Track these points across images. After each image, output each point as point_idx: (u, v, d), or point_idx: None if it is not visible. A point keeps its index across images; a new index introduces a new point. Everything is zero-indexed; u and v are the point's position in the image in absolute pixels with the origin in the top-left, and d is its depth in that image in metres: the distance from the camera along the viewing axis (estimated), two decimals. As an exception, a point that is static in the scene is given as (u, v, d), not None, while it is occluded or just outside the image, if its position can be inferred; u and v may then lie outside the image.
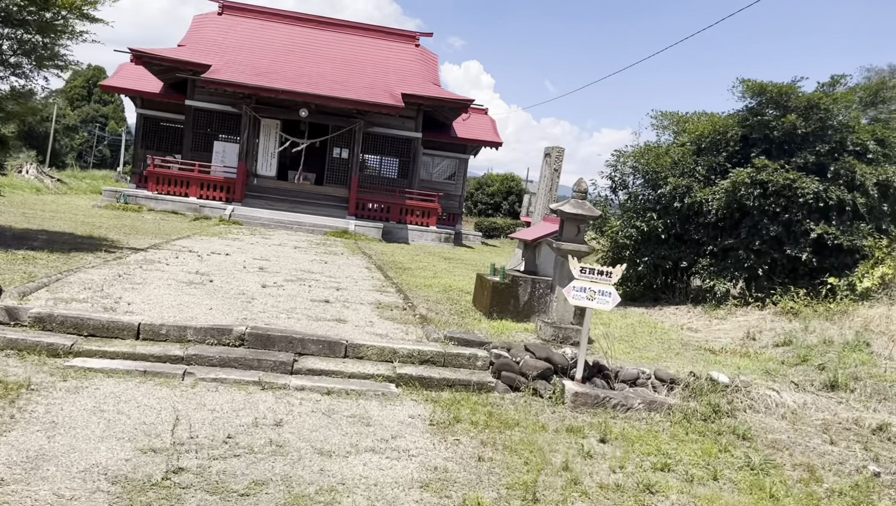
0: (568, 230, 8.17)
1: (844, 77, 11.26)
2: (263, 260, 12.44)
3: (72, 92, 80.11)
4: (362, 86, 25.28)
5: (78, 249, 10.87)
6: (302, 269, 11.83)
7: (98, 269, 8.97)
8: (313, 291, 9.47)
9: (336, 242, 19.87)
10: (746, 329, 9.72)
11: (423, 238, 24.98)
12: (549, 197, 15.07)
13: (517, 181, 55.34)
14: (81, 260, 9.66)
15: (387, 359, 6.72)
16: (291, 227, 22.35)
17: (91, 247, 11.33)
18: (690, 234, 11.79)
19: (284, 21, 29.46)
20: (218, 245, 14.17)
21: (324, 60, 27.56)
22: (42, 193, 27.15)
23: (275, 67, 25.60)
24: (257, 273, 10.48)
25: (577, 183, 8.21)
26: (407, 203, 25.51)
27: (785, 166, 10.76)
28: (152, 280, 8.63)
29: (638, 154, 12.17)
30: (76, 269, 8.78)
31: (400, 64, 28.83)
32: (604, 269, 6.69)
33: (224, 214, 22.56)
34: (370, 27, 30.79)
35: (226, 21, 28.55)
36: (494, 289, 9.31)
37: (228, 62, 24.84)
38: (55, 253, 9.97)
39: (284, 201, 24.85)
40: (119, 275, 8.68)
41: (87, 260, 9.71)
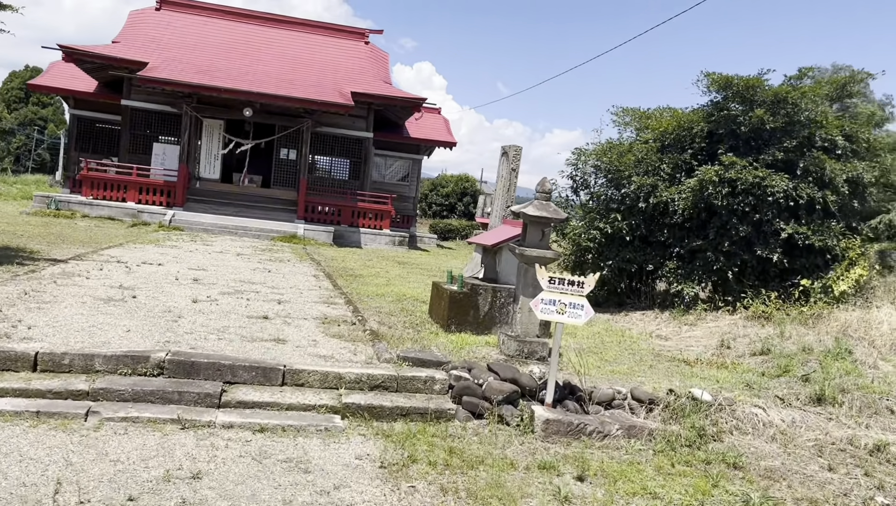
0: (531, 234, 7.44)
1: (812, 70, 10.84)
2: (200, 270, 11.44)
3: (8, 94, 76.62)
4: (310, 84, 24.28)
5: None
6: (242, 279, 10.88)
7: (2, 285, 7.90)
8: (251, 305, 8.56)
9: (283, 247, 18.86)
10: (720, 337, 9.15)
11: (377, 242, 24.09)
12: (507, 198, 14.38)
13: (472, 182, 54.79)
14: (-14, 275, 8.57)
15: (331, 385, 5.88)
16: (236, 232, 21.23)
17: (2, 259, 10.20)
18: (656, 235, 11.22)
19: (227, 18, 28.22)
20: (152, 254, 13.09)
21: (269, 58, 26.45)
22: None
23: (217, 65, 24.42)
24: (190, 286, 9.51)
25: (541, 183, 7.50)
26: (359, 206, 24.59)
27: (753, 163, 10.26)
28: (65, 297, 7.61)
29: (600, 152, 11.55)
30: (-24, 286, 7.72)
31: (349, 62, 27.90)
32: (575, 278, 5.97)
33: (164, 220, 21.32)
34: (318, 24, 29.76)
35: (164, 17, 27.19)
36: (452, 299, 8.54)
37: (167, 60, 23.57)
38: (-43, 268, 8.86)
39: (229, 205, 23.69)
40: (26, 292, 7.64)
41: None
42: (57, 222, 19.15)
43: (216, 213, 22.79)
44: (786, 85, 10.70)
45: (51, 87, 26.12)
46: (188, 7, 27.92)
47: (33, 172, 53.01)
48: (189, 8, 27.89)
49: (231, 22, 28.03)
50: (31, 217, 20.31)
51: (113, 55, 22.34)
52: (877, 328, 8.64)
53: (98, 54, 22.27)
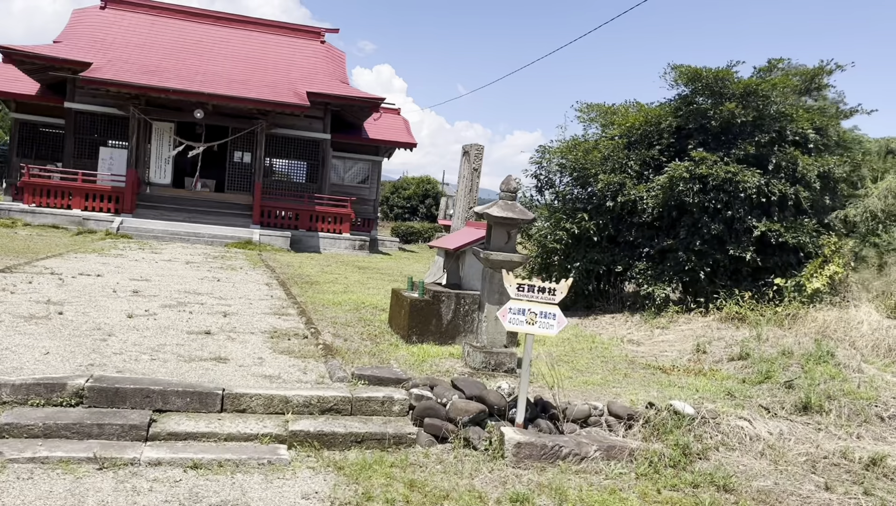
0: (497, 237, 6.90)
1: (782, 61, 10.52)
2: (143, 281, 10.66)
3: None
4: (264, 84, 23.47)
5: None
6: (187, 289, 10.13)
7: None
8: (194, 318, 7.86)
9: (237, 254, 18.06)
10: (695, 341, 8.71)
11: (336, 246, 23.38)
12: (469, 198, 13.84)
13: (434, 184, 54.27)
14: None
15: (277, 410, 5.25)
16: (188, 239, 20.34)
17: (-79, 273, 9.32)
18: (625, 235, 10.78)
19: (178, 16, 27.20)
20: (93, 264, 12.24)
21: (222, 58, 25.55)
22: None
23: (166, 66, 23.46)
24: (128, 299, 8.75)
25: (506, 182, 6.96)
26: (317, 209, 23.83)
27: (724, 159, 9.88)
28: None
29: (565, 149, 11.07)
30: None
31: (305, 62, 27.12)
32: (546, 285, 5.43)
33: (111, 227, 20.30)
34: (273, 23, 28.89)
35: (110, 16, 26.08)
36: (413, 308, 7.95)
37: (112, 60, 22.54)
38: None
39: (181, 211, 22.74)
40: (-64, 311, 6.85)
41: None
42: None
43: (167, 219, 21.84)
44: (755, 77, 10.36)
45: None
46: (135, 6, 26.83)
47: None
48: (136, 7, 26.81)
49: (181, 21, 27.03)
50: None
51: (53, 55, 21.25)
52: (856, 329, 8.30)
53: (37, 55, 21.16)
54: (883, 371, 7.39)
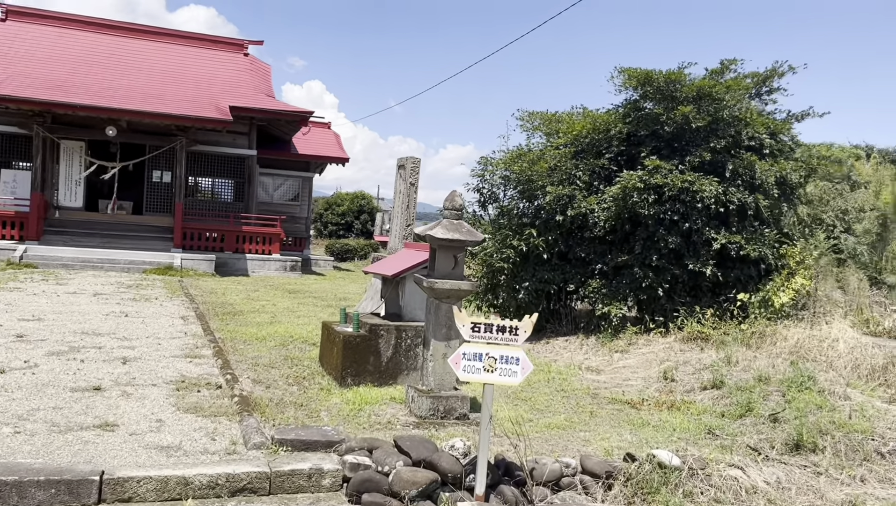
0: (442, 262, 5.93)
1: (735, 62, 9.96)
2: (34, 320, 9.26)
3: None
4: (183, 99, 21.99)
5: None
6: (86, 330, 8.81)
7: None
8: (85, 369, 6.61)
9: (156, 281, 16.58)
10: (659, 366, 7.94)
11: (266, 268, 22.01)
12: (406, 216, 12.86)
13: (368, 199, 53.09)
14: None
15: (173, 496, 4.13)
16: (102, 266, 18.69)
17: None
18: (576, 251, 9.98)
19: (87, 28, 25.40)
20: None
21: (136, 73, 23.91)
22: None
23: (74, 80, 21.73)
24: (8, 346, 7.41)
25: (450, 198, 6.02)
26: (244, 230, 22.41)
27: (679, 167, 9.21)
28: None
29: (509, 161, 10.22)
30: None
31: (227, 75, 25.70)
32: (506, 323, 4.50)
33: (14, 256, 18.46)
34: (192, 35, 27.36)
35: (11, 28, 24.11)
36: (347, 345, 6.91)
37: (13, 75, 20.72)
38: None
39: (95, 236, 20.99)
40: None
41: None
42: None
43: (79, 245, 20.09)
44: (708, 79, 9.76)
45: None
46: (40, 18, 24.93)
47: None
48: (41, 18, 24.91)
49: (92, 34, 25.24)
50: None
51: (-59, 69, 19.32)
52: (832, 347, 7.67)
53: (-76, 68, 19.20)
54: (870, 396, 6.74)
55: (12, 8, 24.51)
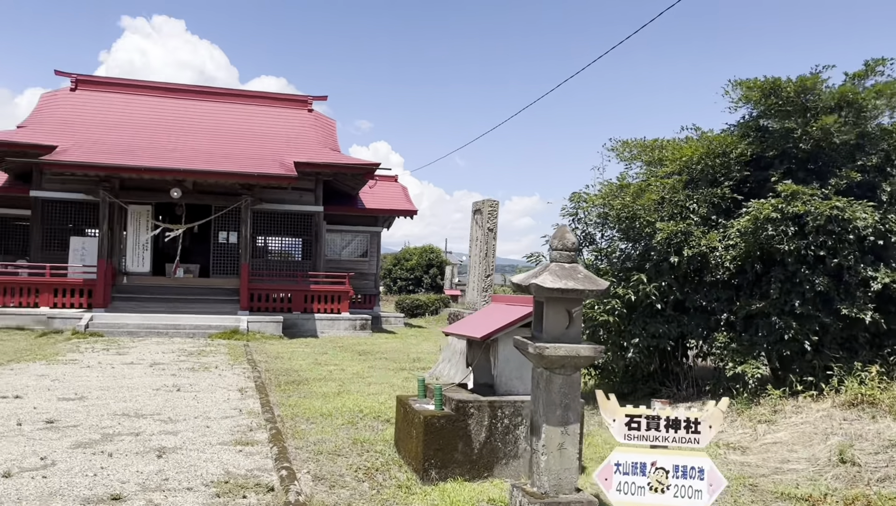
0: (552, 320, 4.48)
1: (883, 62, 8.26)
2: (76, 399, 8.20)
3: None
4: (247, 157, 21.47)
5: None
6: (127, 410, 7.66)
7: None
8: (109, 467, 5.36)
9: (219, 347, 15.59)
10: (829, 445, 6.18)
11: (335, 328, 20.90)
12: (485, 265, 11.49)
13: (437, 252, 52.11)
14: None
15: None
16: (167, 332, 17.91)
17: None
18: (694, 299, 8.34)
19: (152, 93, 25.48)
20: (25, 379, 9.82)
21: (200, 133, 23.67)
22: None
23: (139, 144, 21.52)
24: (31, 436, 6.29)
25: (560, 236, 4.60)
26: (312, 289, 21.45)
27: (821, 191, 7.55)
28: None
29: (607, 194, 8.72)
30: None
31: (291, 131, 25.25)
32: (679, 414, 3.01)
33: (79, 325, 17.89)
34: (255, 94, 27.21)
35: (80, 98, 24.35)
36: (429, 428, 5.47)
37: (80, 142, 20.62)
38: None
39: (161, 301, 20.38)
40: None
41: None
42: (-58, 341, 15.69)
43: (145, 311, 19.46)
44: (849, 84, 8.13)
45: (-51, 184, 22.85)
46: (107, 85, 25.16)
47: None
48: (108, 86, 25.13)
49: (156, 98, 25.29)
50: (-85, 336, 16.81)
51: (10, 140, 19.28)
52: None
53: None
54: None
55: (82, 77, 24.82)
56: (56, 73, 24.97)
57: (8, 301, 19.60)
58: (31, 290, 19.82)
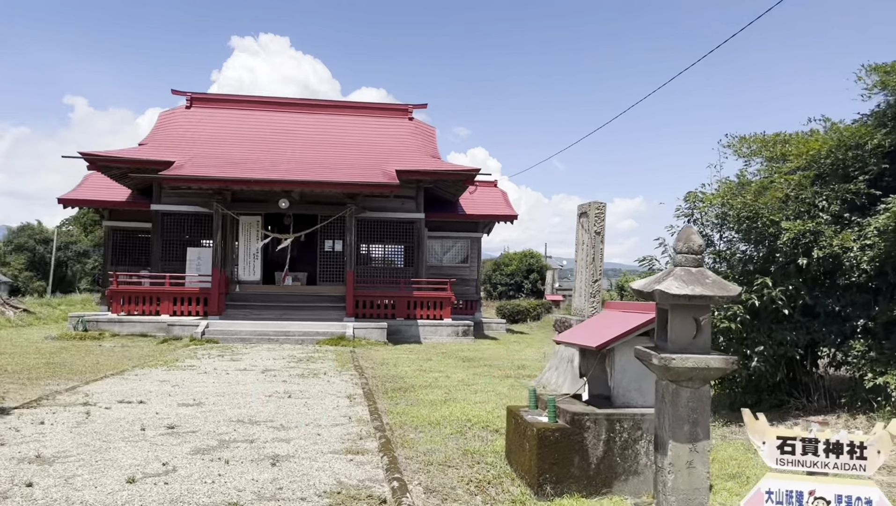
0: (678, 328, 4.18)
1: None
2: (193, 405, 8.48)
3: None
4: (350, 166, 21.91)
5: None
6: (242, 417, 7.83)
7: None
8: (226, 475, 5.44)
9: (327, 353, 15.90)
10: None
11: (438, 334, 20.94)
12: (592, 270, 11.12)
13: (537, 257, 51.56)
14: None
15: None
16: (277, 339, 18.46)
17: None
18: (826, 304, 7.72)
19: (260, 108, 26.48)
20: (147, 384, 10.28)
21: (305, 145, 24.37)
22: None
23: (249, 157, 22.37)
24: (152, 442, 6.50)
25: (685, 238, 4.28)
26: (414, 295, 21.61)
27: (974, 182, 6.83)
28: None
29: (726, 193, 8.21)
30: None
31: (393, 140, 25.60)
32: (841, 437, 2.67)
33: (196, 332, 18.73)
34: (357, 105, 27.78)
35: (195, 114, 25.61)
36: (542, 442, 5.25)
37: (195, 157, 21.64)
38: None
39: (272, 309, 21.07)
40: None
41: None
42: (76, 347, 16.77)
43: (256, 318, 20.17)
44: None
45: (81, 200, 24.54)
46: (218, 102, 26.35)
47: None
48: (219, 103, 26.31)
49: (264, 112, 26.26)
50: (53, 342, 18.07)
51: (133, 157, 20.49)
52: None
53: (118, 158, 20.46)
54: None
55: (196, 95, 26.08)
56: (173, 92, 26.37)
57: (132, 309, 20.77)
58: (153, 298, 20.92)
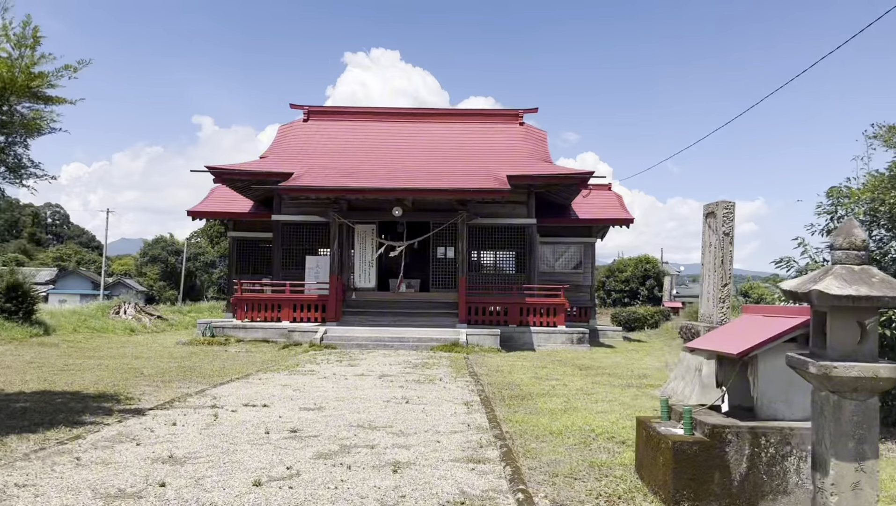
0: (839, 333, 3.74)
1: None
2: (314, 410, 8.60)
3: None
4: (462, 173, 21.94)
5: (43, 422, 7.50)
6: (362, 422, 7.85)
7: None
8: (349, 481, 5.40)
9: (441, 359, 15.89)
10: None
11: (551, 341, 20.52)
12: (721, 274, 10.47)
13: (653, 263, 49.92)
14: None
15: None
16: (392, 344, 18.67)
17: (71, 413, 7.97)
18: None
19: (373, 118, 27.05)
20: (271, 388, 10.56)
21: (417, 153, 24.64)
22: (136, 334, 25.23)
23: (363, 167, 22.86)
24: (276, 445, 6.58)
25: (845, 231, 3.84)
26: (527, 301, 21.31)
27: None
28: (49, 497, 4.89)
29: (876, 188, 7.44)
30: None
31: (503, 145, 25.46)
32: None
33: (315, 338, 19.26)
34: (467, 112, 27.85)
35: (311, 127, 26.48)
36: (679, 455, 4.88)
37: (312, 168, 22.34)
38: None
39: (386, 315, 21.38)
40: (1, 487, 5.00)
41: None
42: (204, 352, 17.61)
43: (372, 324, 20.51)
44: None
45: (208, 212, 25.89)
46: (333, 114, 27.13)
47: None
48: (334, 115, 27.09)
49: (377, 122, 26.80)
50: (184, 347, 19.09)
51: (254, 169, 21.40)
52: None
53: (241, 171, 21.42)
54: None
55: (313, 108, 26.96)
56: (291, 106, 27.40)
57: (255, 316, 21.62)
58: (274, 305, 21.71)
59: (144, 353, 17.10)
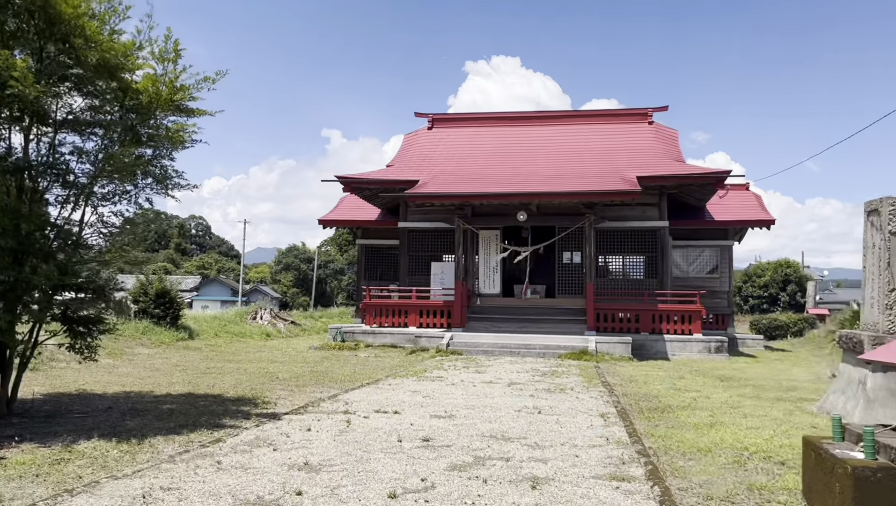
0: None
1: None
2: (445, 417, 8.45)
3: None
4: (588, 175, 21.33)
5: (188, 424, 7.79)
6: (494, 432, 7.60)
7: (127, 479, 5.50)
8: (486, 496, 5.15)
9: (570, 368, 15.41)
10: None
11: (687, 350, 19.49)
12: (888, 277, 9.47)
13: (794, 267, 46.77)
14: (139, 456, 6.42)
15: None
16: (518, 351, 18.37)
17: (213, 416, 8.25)
18: None
19: (496, 123, 26.89)
20: (401, 394, 10.54)
21: (541, 156, 24.22)
22: (271, 339, 26.35)
23: (487, 172, 22.73)
24: (409, 454, 6.45)
25: None
26: (659, 308, 20.37)
27: None
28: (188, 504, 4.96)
29: None
30: (89, 486, 5.44)
31: (631, 145, 24.56)
32: None
33: (441, 344, 19.29)
34: (592, 112, 27.14)
35: (435, 135, 26.68)
36: (860, 484, 4.29)
37: (437, 174, 22.45)
38: (123, 442, 6.85)
39: (511, 321, 21.09)
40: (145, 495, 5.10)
41: (144, 457, 6.42)
42: (335, 356, 18.06)
43: (497, 331, 20.30)
44: None
45: (337, 221, 26.64)
46: (457, 121, 27.22)
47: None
48: (458, 122, 27.18)
49: (500, 127, 26.62)
50: (315, 352, 19.70)
51: (381, 178, 21.75)
52: None
53: (369, 180, 21.84)
54: None
55: (437, 116, 27.17)
56: (416, 115, 27.76)
57: (383, 321, 21.96)
58: (401, 311, 21.95)
59: (279, 357, 17.73)
